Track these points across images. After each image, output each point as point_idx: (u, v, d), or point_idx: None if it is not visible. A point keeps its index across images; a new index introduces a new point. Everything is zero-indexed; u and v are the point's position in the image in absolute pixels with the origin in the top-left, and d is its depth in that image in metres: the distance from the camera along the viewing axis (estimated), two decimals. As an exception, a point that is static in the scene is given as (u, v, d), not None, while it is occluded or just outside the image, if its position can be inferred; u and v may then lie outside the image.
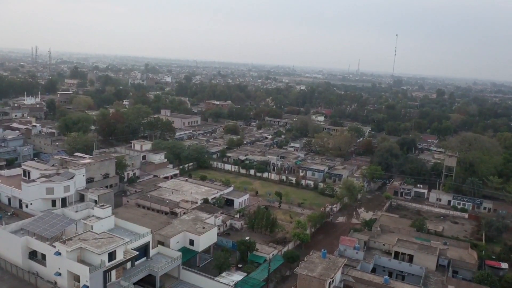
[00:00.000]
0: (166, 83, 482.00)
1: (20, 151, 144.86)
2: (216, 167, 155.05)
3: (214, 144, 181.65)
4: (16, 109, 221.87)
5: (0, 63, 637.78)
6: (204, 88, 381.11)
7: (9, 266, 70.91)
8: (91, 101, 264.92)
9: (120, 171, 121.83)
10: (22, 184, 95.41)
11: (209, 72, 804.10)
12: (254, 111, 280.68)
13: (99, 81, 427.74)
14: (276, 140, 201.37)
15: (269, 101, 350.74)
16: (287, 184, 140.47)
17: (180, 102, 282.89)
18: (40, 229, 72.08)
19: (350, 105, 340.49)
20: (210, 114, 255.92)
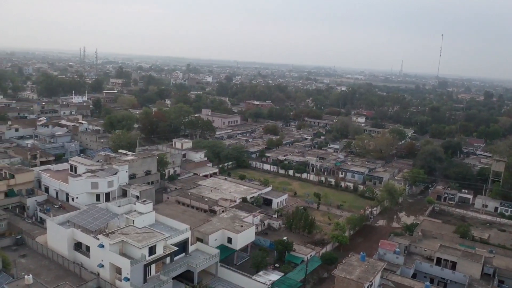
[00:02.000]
0: (207, 83, 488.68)
1: (68, 147, 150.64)
2: (255, 167, 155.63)
3: (254, 144, 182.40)
4: (64, 107, 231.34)
5: (50, 63, 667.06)
6: (244, 88, 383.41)
7: (56, 256, 73.85)
8: (134, 100, 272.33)
9: (161, 168, 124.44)
10: (69, 179, 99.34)
11: (250, 72, 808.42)
12: (294, 112, 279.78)
13: (143, 80, 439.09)
14: (316, 141, 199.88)
15: (309, 102, 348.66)
16: (326, 186, 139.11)
17: (221, 102, 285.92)
18: (85, 222, 74.64)
19: (392, 107, 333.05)
20: (250, 114, 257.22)
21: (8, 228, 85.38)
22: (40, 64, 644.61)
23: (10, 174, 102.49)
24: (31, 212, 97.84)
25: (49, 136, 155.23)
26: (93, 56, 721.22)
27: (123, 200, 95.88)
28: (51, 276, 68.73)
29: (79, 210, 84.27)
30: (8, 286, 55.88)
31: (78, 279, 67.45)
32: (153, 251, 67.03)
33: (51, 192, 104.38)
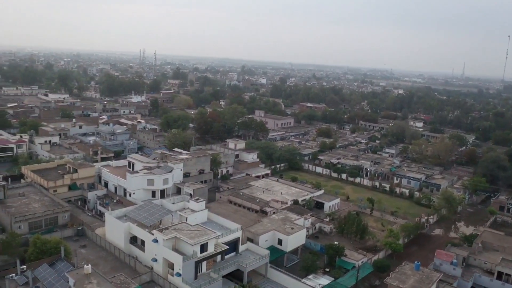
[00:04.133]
0: (261, 85, 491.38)
1: (127, 145, 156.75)
2: (308, 169, 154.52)
3: (306, 146, 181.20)
4: (124, 106, 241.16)
5: (112, 64, 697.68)
6: (298, 91, 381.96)
7: (113, 248, 77.01)
8: (190, 100, 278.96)
9: (214, 167, 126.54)
10: (127, 175, 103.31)
11: (304, 74, 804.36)
12: (348, 115, 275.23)
13: (198, 81, 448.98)
14: (370, 145, 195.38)
15: (364, 105, 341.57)
16: (380, 191, 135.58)
17: (274, 104, 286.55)
18: (140, 217, 77.26)
19: (452, 111, 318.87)
20: (303, 116, 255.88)
21: (70, 219, 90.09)
22: (103, 65, 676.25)
23: (73, 168, 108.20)
24: (92, 205, 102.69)
25: (110, 133, 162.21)
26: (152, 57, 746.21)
27: (177, 198, 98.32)
28: (108, 267, 71.70)
29: (136, 205, 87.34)
30: (69, 274, 58.84)
31: (133, 272, 69.94)
32: (205, 249, 68.23)
33: (110, 187, 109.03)
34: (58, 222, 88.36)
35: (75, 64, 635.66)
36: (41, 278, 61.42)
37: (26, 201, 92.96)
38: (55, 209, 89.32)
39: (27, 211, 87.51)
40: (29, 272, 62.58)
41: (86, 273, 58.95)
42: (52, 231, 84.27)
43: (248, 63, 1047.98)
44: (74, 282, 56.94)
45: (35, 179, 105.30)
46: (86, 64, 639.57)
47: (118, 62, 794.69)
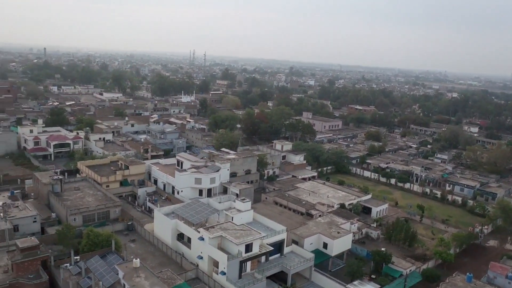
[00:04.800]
0: (309, 86, 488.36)
1: (176, 143, 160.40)
2: (355, 173, 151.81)
3: (354, 149, 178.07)
4: (174, 106, 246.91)
5: (164, 65, 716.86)
6: (347, 93, 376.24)
7: (160, 244, 79.05)
8: (238, 101, 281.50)
9: (261, 168, 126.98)
10: (176, 173, 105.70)
11: (353, 76, 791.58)
12: (398, 118, 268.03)
13: (247, 82, 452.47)
14: (421, 150, 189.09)
15: (416, 108, 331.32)
16: (430, 198, 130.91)
17: (322, 106, 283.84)
18: (188, 215, 78.79)
19: (511, 116, 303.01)
20: (351, 119, 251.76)
21: (121, 214, 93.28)
22: (155, 65, 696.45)
23: (125, 165, 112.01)
24: (141, 201, 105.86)
25: (160, 132, 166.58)
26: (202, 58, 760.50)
27: (224, 197, 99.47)
28: (155, 262, 73.64)
29: (183, 203, 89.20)
30: (119, 266, 60.92)
31: (179, 268, 71.41)
32: (250, 249, 68.54)
33: (159, 184, 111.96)
34: (109, 216, 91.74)
35: (128, 65, 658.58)
36: (92, 269, 63.94)
37: (81, 195, 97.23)
38: (107, 204, 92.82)
39: (82, 204, 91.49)
40: (82, 263, 65.42)
41: (134, 266, 60.82)
42: (104, 224, 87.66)
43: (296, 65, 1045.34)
44: (123, 274, 58.88)
45: (90, 174, 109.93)
46: (138, 65, 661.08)
47: (169, 63, 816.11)
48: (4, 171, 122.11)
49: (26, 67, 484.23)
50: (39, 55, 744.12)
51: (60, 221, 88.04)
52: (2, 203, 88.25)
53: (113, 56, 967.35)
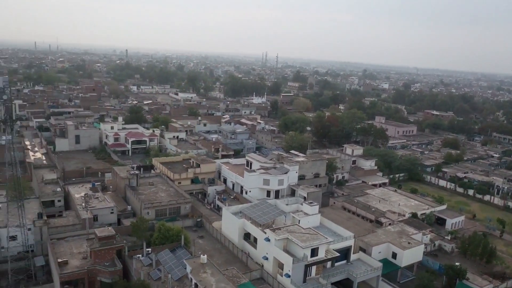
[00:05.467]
0: (383, 90, 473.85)
1: (246, 144, 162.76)
2: (429, 182, 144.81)
3: (429, 157, 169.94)
4: (245, 107, 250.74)
5: (236, 67, 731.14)
6: (423, 97, 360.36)
7: (227, 242, 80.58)
8: (309, 103, 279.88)
9: (330, 172, 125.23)
10: (245, 173, 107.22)
11: (430, 80, 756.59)
12: (479, 125, 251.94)
13: (318, 85, 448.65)
14: (505, 160, 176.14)
15: (500, 115, 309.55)
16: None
17: (396, 110, 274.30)
18: (255, 215, 79.56)
19: None
20: (427, 125, 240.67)
21: (191, 211, 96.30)
22: (228, 67, 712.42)
23: (196, 163, 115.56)
24: (211, 199, 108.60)
25: (231, 132, 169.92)
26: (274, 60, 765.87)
27: (291, 199, 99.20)
28: (222, 259, 75.12)
29: (251, 203, 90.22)
30: (187, 261, 62.95)
31: (245, 267, 72.27)
32: (315, 253, 67.77)
33: (228, 183, 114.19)
34: (180, 212, 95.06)
35: (203, 66, 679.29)
36: (162, 262, 66.65)
37: (154, 190, 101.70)
38: (179, 200, 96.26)
39: (155, 199, 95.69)
40: (153, 255, 68.36)
41: (202, 262, 62.51)
42: (175, 219, 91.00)
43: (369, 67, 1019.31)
44: (191, 269, 60.72)
45: (163, 171, 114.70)
46: (212, 66, 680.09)
47: (242, 65, 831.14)
48: (87, 164, 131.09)
49: (109, 67, 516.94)
50: (122, 56, 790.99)
51: (134, 214, 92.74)
52: (84, 194, 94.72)
53: (189, 57, 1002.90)
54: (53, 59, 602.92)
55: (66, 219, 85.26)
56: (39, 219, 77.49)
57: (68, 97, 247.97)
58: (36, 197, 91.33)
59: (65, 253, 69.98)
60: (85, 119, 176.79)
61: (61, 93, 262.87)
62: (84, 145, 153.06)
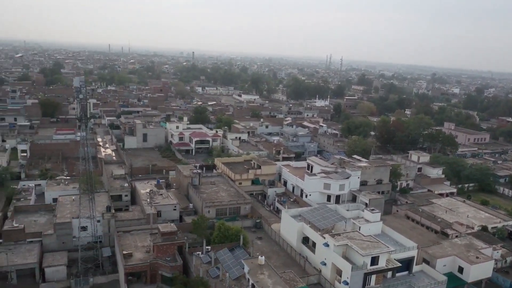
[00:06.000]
0: (453, 95, 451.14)
1: (307, 147, 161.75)
2: (502, 193, 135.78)
3: (503, 167, 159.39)
4: (308, 110, 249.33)
5: (300, 69, 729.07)
6: (498, 103, 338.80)
7: (285, 245, 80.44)
8: (374, 107, 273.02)
9: (393, 179, 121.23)
10: (305, 176, 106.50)
11: (507, 85, 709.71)
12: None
13: (384, 88, 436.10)
14: None
15: None
16: None
17: (467, 116, 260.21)
18: (314, 219, 78.71)
19: None
20: (502, 133, 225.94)
21: (250, 211, 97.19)
22: (291, 69, 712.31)
23: (257, 165, 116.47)
24: (270, 201, 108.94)
25: (292, 135, 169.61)
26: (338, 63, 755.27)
27: (352, 205, 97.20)
28: (279, 261, 75.07)
29: (311, 207, 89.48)
30: (245, 261, 63.54)
31: (302, 271, 71.74)
32: (375, 262, 65.83)
33: (288, 186, 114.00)
34: (240, 212, 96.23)
35: (266, 68, 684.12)
36: (221, 260, 67.78)
37: (215, 189, 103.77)
38: (239, 200, 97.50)
39: (216, 198, 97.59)
40: (212, 253, 69.75)
41: (259, 263, 62.81)
42: (235, 219, 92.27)
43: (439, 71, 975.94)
44: (248, 269, 61.21)
45: (225, 171, 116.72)
46: (276, 68, 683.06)
47: (305, 67, 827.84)
48: (153, 162, 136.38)
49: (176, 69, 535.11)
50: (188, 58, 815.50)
51: (196, 212, 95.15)
52: (150, 190, 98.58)
53: (253, 60, 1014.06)
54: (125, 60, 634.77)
55: (132, 213, 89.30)
56: (108, 212, 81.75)
57: (138, 97, 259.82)
58: (106, 191, 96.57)
59: (130, 246, 73.22)
60: (152, 118, 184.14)
61: (131, 93, 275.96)
62: (150, 143, 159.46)
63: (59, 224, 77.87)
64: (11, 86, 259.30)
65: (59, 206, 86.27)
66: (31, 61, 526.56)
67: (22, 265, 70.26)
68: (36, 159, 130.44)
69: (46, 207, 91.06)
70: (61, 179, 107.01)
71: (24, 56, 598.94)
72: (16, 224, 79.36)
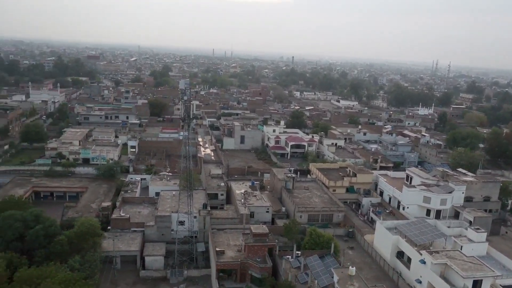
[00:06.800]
0: None
1: (407, 157, 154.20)
2: None
3: None
4: (409, 118, 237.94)
5: (403, 75, 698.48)
6: None
7: (378, 257, 77.43)
8: (484, 118, 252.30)
9: (503, 197, 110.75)
10: (403, 188, 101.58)
11: None
12: None
13: (496, 97, 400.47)
14: None
15: None
16: None
17: None
18: (411, 234, 74.71)
19: None
20: None
21: (343, 220, 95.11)
22: (393, 75, 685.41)
23: (353, 172, 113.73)
24: (365, 210, 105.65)
25: (392, 143, 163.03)
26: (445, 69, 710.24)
27: (454, 222, 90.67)
28: (371, 274, 72.50)
29: (408, 220, 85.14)
30: (335, 270, 62.21)
31: (394, 286, 68.59)
32: (478, 286, 60.52)
33: (384, 197, 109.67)
34: (332, 220, 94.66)
35: (367, 74, 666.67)
36: (310, 267, 67.19)
37: (309, 194, 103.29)
38: (332, 207, 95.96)
39: (309, 204, 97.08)
40: (302, 259, 69.47)
41: (350, 274, 61.09)
42: (326, 226, 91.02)
43: None
44: (338, 279, 59.87)
45: (319, 177, 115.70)
46: (377, 74, 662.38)
47: (408, 73, 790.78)
48: (249, 163, 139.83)
49: (276, 73, 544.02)
50: (288, 62, 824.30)
51: (288, 216, 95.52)
52: (244, 191, 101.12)
53: (353, 65, 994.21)
54: (227, 64, 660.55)
55: (226, 212, 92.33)
56: (204, 209, 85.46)
57: (237, 100, 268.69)
58: (203, 189, 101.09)
59: (222, 243, 75.73)
60: (250, 121, 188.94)
61: (232, 96, 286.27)
62: (247, 145, 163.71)
63: (160, 217, 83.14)
64: (125, 87, 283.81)
65: (161, 200, 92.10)
66: (143, 64, 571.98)
67: (126, 251, 76.20)
68: (143, 155, 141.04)
69: (149, 200, 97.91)
70: (163, 175, 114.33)
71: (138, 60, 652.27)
72: (123, 214, 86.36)
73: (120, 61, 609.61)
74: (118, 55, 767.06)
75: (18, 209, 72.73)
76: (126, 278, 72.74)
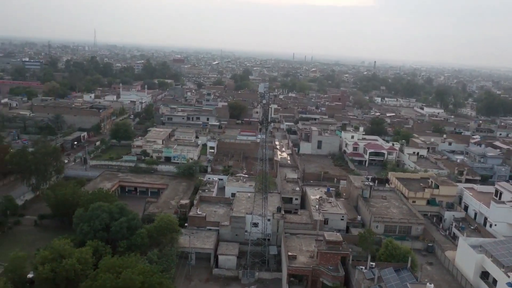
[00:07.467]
0: None
1: (497, 170, 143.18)
2: None
3: None
4: (501, 128, 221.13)
5: (495, 82, 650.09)
6: None
7: (459, 276, 72.63)
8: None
9: None
10: (491, 203, 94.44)
11: None
12: None
13: None
14: None
15: None
16: None
17: None
18: (498, 253, 69.20)
19: None
20: None
21: (423, 233, 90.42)
22: (484, 81, 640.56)
23: (435, 184, 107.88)
24: (447, 225, 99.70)
25: (480, 155, 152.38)
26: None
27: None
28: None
29: (495, 239, 79.03)
30: (411, 286, 59.39)
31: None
32: None
33: (469, 212, 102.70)
34: (410, 232, 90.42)
35: (454, 80, 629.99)
36: (385, 280, 64.63)
37: (386, 204, 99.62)
38: (411, 219, 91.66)
39: (386, 214, 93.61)
40: (376, 270, 66.99)
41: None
42: (404, 239, 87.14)
43: None
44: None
45: (398, 186, 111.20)
46: (466, 80, 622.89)
47: (502, 80, 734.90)
48: (325, 169, 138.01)
49: (356, 78, 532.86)
50: (369, 67, 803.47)
51: (363, 225, 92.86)
52: (319, 196, 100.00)
53: (440, 70, 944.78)
54: (307, 69, 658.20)
55: (300, 217, 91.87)
56: (278, 212, 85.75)
57: (316, 105, 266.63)
58: (278, 193, 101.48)
59: (294, 248, 75.40)
60: (328, 126, 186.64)
61: (310, 101, 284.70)
62: (324, 150, 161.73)
63: (235, 218, 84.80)
64: (207, 89, 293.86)
65: (236, 201, 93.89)
66: (225, 67, 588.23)
67: (201, 249, 78.67)
68: (221, 156, 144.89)
69: (225, 200, 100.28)
70: (240, 176, 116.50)
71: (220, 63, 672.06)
72: (200, 212, 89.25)
73: (203, 64, 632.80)
74: (202, 58, 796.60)
75: (106, 201, 78.08)
76: (199, 275, 75.06)
